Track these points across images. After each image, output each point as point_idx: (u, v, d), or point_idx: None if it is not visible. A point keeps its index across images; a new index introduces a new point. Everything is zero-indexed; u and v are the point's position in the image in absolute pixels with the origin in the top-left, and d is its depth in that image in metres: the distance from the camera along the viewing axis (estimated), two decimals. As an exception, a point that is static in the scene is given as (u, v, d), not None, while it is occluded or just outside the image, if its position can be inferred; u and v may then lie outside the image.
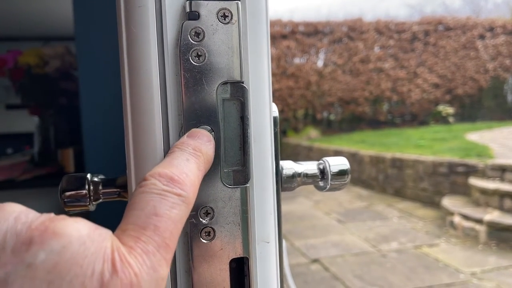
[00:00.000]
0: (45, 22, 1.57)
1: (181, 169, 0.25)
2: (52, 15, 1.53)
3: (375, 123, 9.32)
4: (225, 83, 0.29)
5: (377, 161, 5.81)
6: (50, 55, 1.49)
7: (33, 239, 0.19)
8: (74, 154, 1.55)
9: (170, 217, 0.23)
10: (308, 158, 7.06)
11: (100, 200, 0.34)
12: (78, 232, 0.20)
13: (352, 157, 6.19)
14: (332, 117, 9.65)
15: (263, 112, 0.31)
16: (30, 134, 1.80)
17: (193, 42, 0.28)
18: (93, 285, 0.19)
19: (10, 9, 1.42)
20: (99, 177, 0.35)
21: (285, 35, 9.25)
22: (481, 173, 4.31)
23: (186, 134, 0.28)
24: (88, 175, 0.34)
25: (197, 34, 0.28)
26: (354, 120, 9.41)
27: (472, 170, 4.43)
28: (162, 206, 0.23)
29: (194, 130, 0.28)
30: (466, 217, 3.73)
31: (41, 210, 0.22)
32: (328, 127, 9.46)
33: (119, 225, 0.23)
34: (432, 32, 9.63)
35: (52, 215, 0.21)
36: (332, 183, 0.39)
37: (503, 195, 3.71)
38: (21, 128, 1.85)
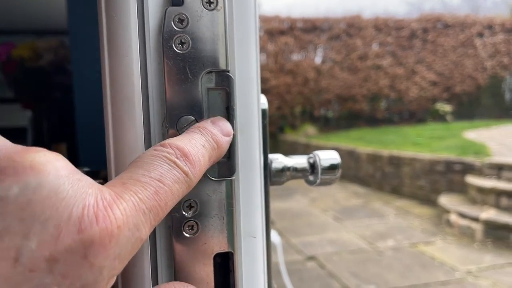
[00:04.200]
0: (39, 16, 1.56)
1: (197, 151, 0.25)
2: (45, 8, 1.52)
3: (372, 121, 9.33)
4: (210, 72, 0.28)
5: (374, 158, 5.81)
6: (44, 48, 1.48)
7: (6, 171, 0.18)
8: (67, 149, 1.54)
9: (172, 189, 0.23)
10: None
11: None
12: (57, 172, 0.19)
13: (349, 154, 6.19)
14: (329, 114, 9.64)
15: (250, 103, 0.30)
16: (23, 128, 1.78)
17: (176, 29, 0.27)
18: (69, 230, 0.18)
19: (3, 2, 1.41)
20: (84, 169, 0.34)
21: (283, 31, 9.22)
22: (478, 171, 4.31)
23: (210, 119, 0.28)
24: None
25: (181, 20, 0.27)
26: (352, 117, 9.41)
27: (469, 168, 4.43)
28: (168, 176, 0.23)
29: (219, 118, 0.28)
30: (462, 215, 3.74)
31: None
32: (326, 124, 9.45)
33: (119, 175, 0.23)
34: (431, 30, 9.62)
35: (31, 147, 0.19)
36: (323, 177, 0.38)
37: (500, 193, 3.71)
38: (14, 122, 1.84)
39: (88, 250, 0.18)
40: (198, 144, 0.26)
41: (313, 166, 0.38)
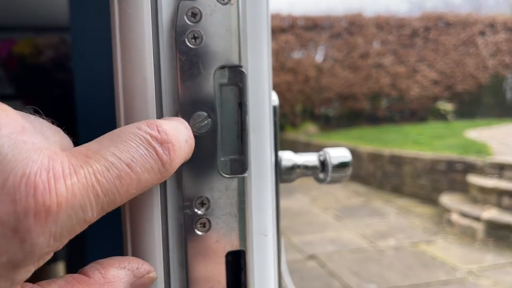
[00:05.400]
0: (40, 12, 1.56)
1: (180, 145, 0.23)
2: (46, 4, 1.51)
3: (373, 119, 9.32)
4: (222, 67, 0.27)
5: (375, 157, 5.81)
6: (44, 45, 1.48)
7: None
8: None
9: (140, 178, 0.20)
10: (306, 153, 7.00)
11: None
12: None
13: (350, 153, 6.17)
14: (330, 112, 9.64)
15: (262, 99, 0.30)
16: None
17: (189, 23, 0.26)
18: (1, 199, 0.16)
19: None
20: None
21: (284, 29, 9.21)
22: (479, 170, 4.31)
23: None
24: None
25: (194, 14, 0.26)
26: (353, 116, 9.41)
27: (470, 167, 4.43)
28: (140, 162, 0.20)
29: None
30: (463, 215, 3.74)
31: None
32: (327, 123, 9.45)
33: (88, 143, 0.20)
34: (432, 28, 9.61)
35: None
36: (333, 175, 0.38)
37: (501, 192, 3.71)
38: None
39: (20, 224, 0.16)
40: (183, 137, 0.24)
41: (323, 164, 0.38)
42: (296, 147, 7.90)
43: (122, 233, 0.28)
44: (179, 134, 0.23)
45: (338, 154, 0.38)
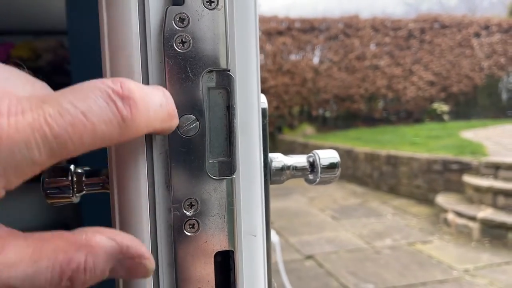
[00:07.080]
0: (38, 16, 1.56)
1: (151, 105, 0.22)
2: (44, 8, 1.51)
3: (370, 120, 9.34)
4: (210, 71, 0.28)
5: (372, 158, 5.82)
6: (43, 49, 1.48)
7: None
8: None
9: (95, 128, 0.20)
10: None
11: (84, 192, 0.33)
12: None
13: (347, 154, 6.20)
14: (327, 114, 9.66)
15: (251, 102, 0.30)
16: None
17: (177, 28, 0.27)
18: None
19: (1, 3, 1.40)
20: (84, 168, 0.34)
21: (281, 32, 9.23)
22: (475, 170, 4.33)
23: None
24: (72, 166, 0.33)
25: (182, 20, 0.27)
26: (350, 117, 9.43)
27: (466, 168, 4.45)
28: (96, 112, 0.20)
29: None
30: (459, 214, 3.75)
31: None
32: (324, 124, 9.46)
33: (52, 92, 0.20)
34: (428, 30, 9.64)
35: None
36: (322, 176, 0.38)
37: (497, 192, 3.73)
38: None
39: None
40: (155, 99, 0.23)
41: (312, 165, 0.39)
42: (294, 148, 7.91)
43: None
44: (149, 96, 0.23)
45: (327, 155, 0.38)
